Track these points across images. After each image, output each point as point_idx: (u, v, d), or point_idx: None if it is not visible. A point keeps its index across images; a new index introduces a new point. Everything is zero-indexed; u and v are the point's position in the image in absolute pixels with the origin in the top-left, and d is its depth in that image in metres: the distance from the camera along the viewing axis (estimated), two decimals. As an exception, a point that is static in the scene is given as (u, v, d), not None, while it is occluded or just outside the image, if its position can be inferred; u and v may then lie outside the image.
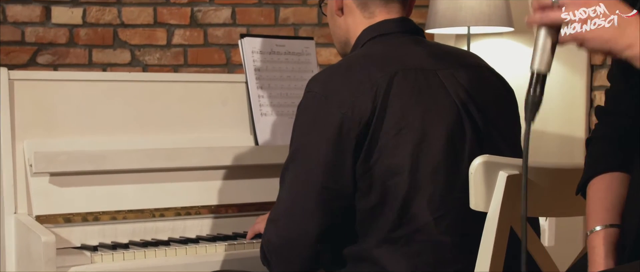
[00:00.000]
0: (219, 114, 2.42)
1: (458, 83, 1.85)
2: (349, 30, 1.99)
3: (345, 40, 2.02)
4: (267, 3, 4.13)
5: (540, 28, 1.23)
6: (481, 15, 3.67)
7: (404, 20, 1.96)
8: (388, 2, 1.95)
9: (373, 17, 1.95)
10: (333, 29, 2.07)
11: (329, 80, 1.83)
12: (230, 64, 4.10)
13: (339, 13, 1.99)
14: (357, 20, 1.97)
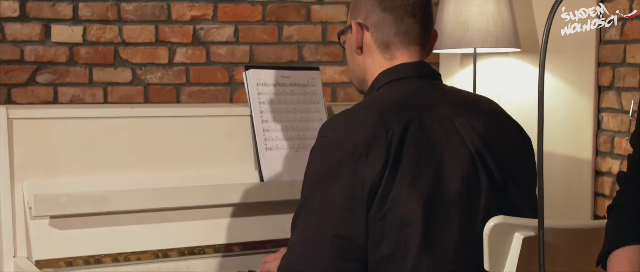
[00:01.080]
0: (223, 148, 2.37)
1: (474, 131, 1.80)
2: (368, 70, 1.96)
3: (363, 78, 1.99)
4: (271, 21, 4.07)
5: None
6: (488, 36, 3.62)
7: (422, 65, 1.92)
8: (409, 45, 1.91)
9: (393, 59, 1.91)
10: (351, 65, 2.03)
11: (343, 125, 1.79)
12: (233, 82, 4.05)
13: (359, 52, 1.95)
14: (376, 61, 1.93)
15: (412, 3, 1.90)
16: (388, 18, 1.90)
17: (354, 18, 1.97)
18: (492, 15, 3.62)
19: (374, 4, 1.91)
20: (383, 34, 1.91)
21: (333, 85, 4.15)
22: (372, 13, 1.91)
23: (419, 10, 1.90)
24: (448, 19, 3.68)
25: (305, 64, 4.11)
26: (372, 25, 1.91)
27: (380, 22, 1.90)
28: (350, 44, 1.99)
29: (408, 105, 1.80)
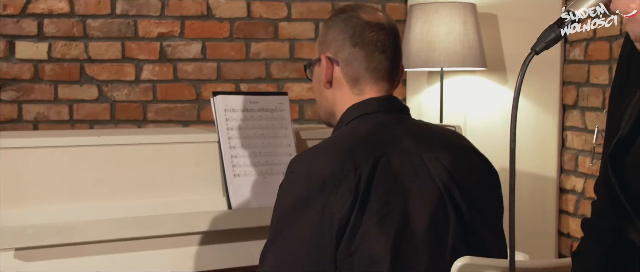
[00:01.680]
0: (191, 175, 2.36)
1: (442, 167, 1.81)
2: (336, 104, 1.96)
3: (331, 112, 1.99)
4: (238, 37, 4.07)
5: None
6: (455, 56, 3.64)
7: (391, 99, 1.93)
8: (379, 81, 1.92)
9: (362, 94, 1.92)
10: (319, 98, 2.03)
11: (312, 162, 1.79)
12: (200, 99, 4.04)
13: (328, 86, 1.96)
14: (345, 95, 1.94)
15: (382, 39, 1.90)
16: (359, 54, 1.90)
17: (324, 51, 1.97)
18: (459, 35, 3.64)
19: (344, 38, 1.91)
20: (353, 69, 1.91)
21: (301, 102, 4.16)
22: (343, 48, 1.91)
23: (389, 47, 1.91)
24: (415, 38, 3.70)
25: (273, 80, 4.11)
26: (342, 60, 1.92)
27: (351, 58, 1.91)
28: (318, 77, 1.99)
29: (377, 141, 1.81)
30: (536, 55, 1.17)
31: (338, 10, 1.99)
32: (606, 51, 3.48)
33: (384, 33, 1.90)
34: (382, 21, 1.92)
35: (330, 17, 1.99)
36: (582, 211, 3.70)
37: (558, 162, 3.86)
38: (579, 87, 3.70)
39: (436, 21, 3.66)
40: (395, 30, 1.95)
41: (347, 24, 1.91)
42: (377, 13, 1.94)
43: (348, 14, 1.94)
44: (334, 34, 1.94)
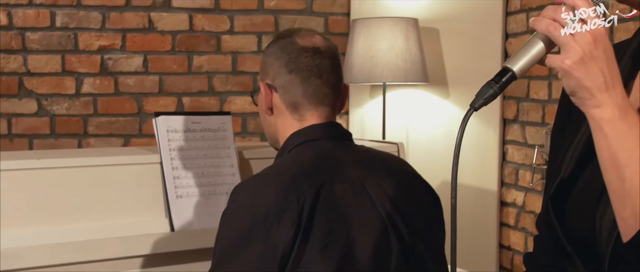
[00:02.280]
0: (133, 197, 2.33)
1: (384, 194, 1.82)
2: (279, 130, 1.97)
3: (276, 138, 2.00)
4: (180, 51, 4.04)
5: (539, 36, 1.15)
6: (397, 71, 3.67)
7: (332, 126, 1.93)
8: (318, 106, 1.92)
9: (303, 120, 1.92)
10: (264, 124, 2.04)
11: (255, 190, 1.78)
12: (142, 113, 4.00)
13: (269, 112, 1.96)
14: (286, 121, 1.94)
15: (318, 64, 1.90)
16: (295, 80, 1.90)
17: (263, 79, 1.97)
18: (401, 50, 3.67)
19: (280, 65, 1.91)
20: (291, 95, 1.91)
21: (243, 115, 4.15)
22: (280, 75, 1.92)
23: (325, 71, 1.91)
24: (358, 53, 3.72)
25: (215, 94, 4.10)
26: (280, 87, 1.92)
27: (288, 84, 1.91)
28: (261, 104, 1.99)
29: (319, 169, 1.81)
30: (475, 111, 1.17)
31: (276, 37, 1.99)
32: (545, 68, 3.52)
33: (320, 57, 1.90)
34: (319, 45, 1.92)
35: (268, 44, 2.00)
36: (522, 224, 3.75)
37: (499, 175, 3.91)
38: (519, 102, 3.76)
39: (378, 36, 3.68)
40: (333, 54, 1.95)
41: (283, 50, 1.92)
42: (314, 37, 1.94)
43: (285, 40, 1.94)
44: (271, 61, 1.94)
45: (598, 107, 1.11)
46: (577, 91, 1.12)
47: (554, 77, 3.49)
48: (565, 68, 1.10)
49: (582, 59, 1.09)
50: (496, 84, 1.14)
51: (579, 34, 1.09)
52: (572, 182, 1.29)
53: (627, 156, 1.09)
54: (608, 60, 1.11)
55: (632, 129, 1.10)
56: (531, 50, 1.14)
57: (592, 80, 1.10)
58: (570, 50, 1.10)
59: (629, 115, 1.11)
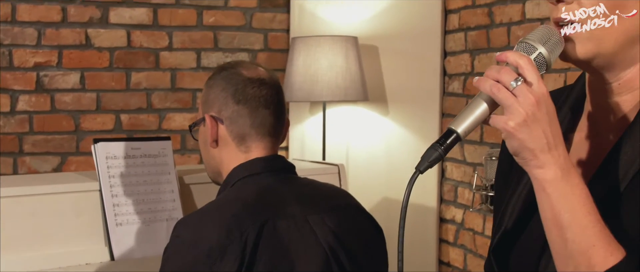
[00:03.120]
0: (72, 226, 2.30)
1: (328, 229, 1.83)
2: (223, 163, 1.95)
3: (218, 171, 1.98)
4: (118, 67, 3.99)
5: (483, 96, 1.15)
6: (337, 89, 3.68)
7: (276, 159, 1.93)
8: (264, 137, 1.92)
9: (248, 152, 1.91)
10: (206, 158, 2.02)
11: (198, 226, 1.77)
12: (79, 130, 3.94)
13: (214, 145, 1.94)
14: (231, 154, 1.93)
15: (265, 94, 1.90)
16: (243, 111, 1.89)
17: (207, 111, 1.95)
18: (341, 69, 3.68)
19: (227, 96, 1.90)
20: (238, 126, 1.90)
21: (183, 132, 4.11)
22: (226, 106, 1.90)
23: (272, 102, 1.91)
24: (298, 71, 3.72)
25: (154, 111, 4.06)
26: (227, 119, 1.91)
27: (235, 115, 1.90)
28: (204, 137, 1.97)
29: (262, 205, 1.80)
30: (420, 174, 1.18)
31: (218, 69, 1.98)
32: (483, 86, 3.57)
33: (266, 88, 1.91)
34: (264, 76, 1.92)
35: (211, 76, 1.98)
36: (461, 241, 3.79)
37: (438, 192, 3.95)
38: (458, 120, 3.79)
39: (319, 54, 3.68)
40: (277, 85, 1.95)
41: (229, 81, 1.91)
42: (258, 68, 1.95)
43: (229, 72, 1.93)
44: (216, 92, 1.93)
45: (541, 167, 1.12)
46: (520, 152, 1.13)
47: (492, 96, 3.53)
48: (509, 130, 1.11)
49: (525, 120, 1.10)
50: (441, 146, 1.15)
51: (522, 95, 1.10)
52: (514, 233, 1.30)
53: (569, 217, 1.11)
54: (550, 121, 1.12)
55: (574, 189, 1.12)
56: (475, 111, 1.14)
57: (535, 142, 1.11)
58: (513, 112, 1.10)
59: (570, 176, 1.12)
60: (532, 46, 1.17)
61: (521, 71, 1.12)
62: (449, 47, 3.87)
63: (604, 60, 1.20)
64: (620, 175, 1.16)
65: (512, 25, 3.38)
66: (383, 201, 3.99)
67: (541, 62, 1.17)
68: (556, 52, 1.18)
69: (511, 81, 1.10)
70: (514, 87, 1.10)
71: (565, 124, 1.29)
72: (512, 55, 1.13)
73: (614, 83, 1.23)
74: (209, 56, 4.13)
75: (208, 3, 4.12)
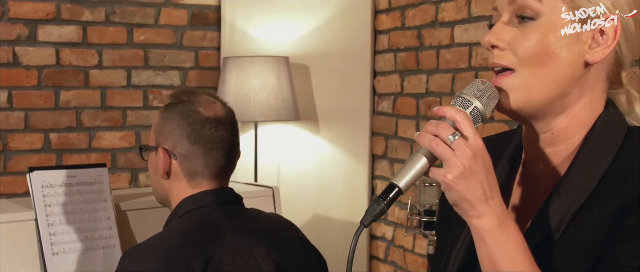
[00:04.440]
0: (6, 258, 2.27)
1: (272, 262, 1.86)
2: (172, 194, 1.97)
3: (167, 199, 2.01)
4: (47, 86, 3.95)
5: (422, 151, 1.18)
6: (269, 109, 3.71)
7: (225, 191, 1.96)
8: (215, 177, 1.95)
9: (198, 187, 1.94)
10: (155, 185, 2.04)
11: (144, 259, 1.79)
12: (7, 151, 3.88)
13: (165, 177, 1.96)
14: (181, 187, 1.95)
15: (221, 135, 1.92)
16: (197, 151, 1.91)
17: (161, 143, 1.96)
18: (273, 89, 3.71)
19: (182, 134, 1.91)
20: (191, 165, 1.92)
21: (113, 151, 4.09)
22: (181, 143, 1.92)
23: (226, 143, 1.94)
24: (230, 91, 3.73)
25: (84, 130, 4.02)
26: (180, 155, 1.92)
27: (190, 154, 1.92)
28: (155, 164, 1.98)
29: (209, 238, 1.83)
30: (365, 228, 1.21)
31: (175, 99, 1.97)
32: (413, 107, 3.65)
33: (222, 128, 1.93)
34: (220, 115, 1.94)
35: (167, 106, 1.97)
36: (391, 258, 3.86)
37: (368, 209, 4.00)
38: (388, 139, 3.87)
39: (250, 75, 3.71)
40: (233, 123, 1.98)
41: (186, 119, 1.91)
42: (215, 105, 1.95)
43: (185, 107, 1.93)
44: (172, 127, 1.93)
45: (478, 217, 1.17)
46: (459, 203, 1.18)
47: (422, 117, 3.61)
48: (447, 182, 1.15)
49: (463, 173, 1.15)
50: (384, 201, 1.18)
51: (459, 149, 1.15)
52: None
53: (506, 264, 1.16)
54: (487, 173, 1.17)
55: (510, 238, 1.17)
56: (416, 165, 1.18)
57: (472, 193, 1.16)
58: (452, 166, 1.15)
59: (506, 225, 1.18)
60: (468, 100, 1.21)
61: (458, 126, 1.16)
62: (379, 67, 3.94)
63: (534, 110, 1.25)
64: (554, 225, 1.22)
65: (440, 48, 3.46)
66: (314, 219, 4.04)
67: (477, 116, 1.21)
68: (491, 105, 1.23)
69: (449, 136, 1.15)
70: (452, 142, 1.15)
71: (504, 174, 1.34)
72: (449, 111, 1.18)
73: (548, 133, 1.28)
74: (140, 74, 4.12)
75: (138, 21, 4.11)
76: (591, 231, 1.18)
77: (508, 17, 1.24)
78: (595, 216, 1.19)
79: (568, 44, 1.21)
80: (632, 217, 1.15)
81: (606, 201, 1.18)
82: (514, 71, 1.23)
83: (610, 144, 1.24)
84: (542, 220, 1.24)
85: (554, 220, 1.22)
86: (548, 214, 1.23)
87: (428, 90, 3.56)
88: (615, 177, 1.21)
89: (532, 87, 1.22)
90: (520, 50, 1.22)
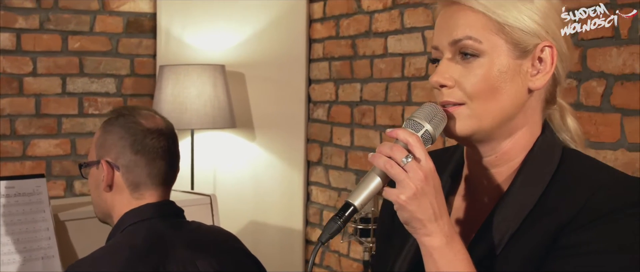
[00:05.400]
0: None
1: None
2: (114, 208, 1.99)
3: (108, 214, 2.03)
4: (-20, 93, 3.92)
5: (376, 171, 1.23)
6: (206, 117, 3.74)
7: (167, 204, 1.99)
8: (158, 187, 1.98)
9: (141, 199, 1.97)
10: (96, 199, 2.05)
11: None
12: (-62, 159, 3.85)
13: (108, 190, 1.98)
14: (124, 200, 1.97)
15: (163, 145, 1.96)
16: (140, 161, 1.94)
17: (103, 156, 1.98)
18: (209, 97, 3.75)
19: (125, 145, 1.94)
20: (134, 175, 1.95)
21: (47, 159, 4.07)
22: (123, 154, 1.95)
23: (168, 153, 1.98)
24: (166, 99, 3.76)
25: (18, 137, 4.00)
26: (123, 167, 1.95)
27: (132, 165, 1.95)
28: (96, 179, 2.00)
29: (153, 251, 1.86)
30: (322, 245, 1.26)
31: (116, 114, 2.01)
32: (348, 115, 3.73)
33: (164, 139, 1.97)
34: (161, 127, 1.98)
35: (108, 120, 2.00)
36: (327, 262, 3.93)
37: (304, 215, 4.07)
38: (323, 146, 3.94)
39: (187, 83, 3.74)
40: (173, 134, 2.02)
41: (127, 131, 1.95)
42: (155, 118, 2.00)
43: (127, 119, 1.97)
44: (114, 140, 1.96)
45: (428, 235, 1.24)
46: (410, 222, 1.23)
47: (356, 125, 3.69)
48: (401, 202, 1.21)
49: (415, 194, 1.21)
50: (340, 219, 1.23)
51: (412, 171, 1.21)
52: None
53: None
54: (436, 193, 1.24)
55: (457, 255, 1.24)
56: (370, 185, 1.23)
57: (423, 213, 1.22)
58: (405, 187, 1.21)
59: (454, 243, 1.25)
60: (419, 124, 1.27)
61: (410, 148, 1.22)
62: (314, 75, 4.01)
63: (482, 136, 1.32)
64: (496, 240, 1.29)
65: (374, 57, 3.54)
66: (250, 225, 4.09)
67: (427, 138, 1.27)
68: (440, 127, 1.29)
69: (402, 158, 1.21)
70: (405, 164, 1.21)
71: (446, 189, 1.41)
72: (402, 133, 1.23)
73: (492, 156, 1.35)
74: (75, 82, 4.11)
75: (73, 28, 4.10)
76: (530, 248, 1.25)
77: (451, 55, 1.30)
78: (533, 234, 1.26)
79: (511, 76, 1.28)
80: (568, 237, 1.22)
81: (544, 221, 1.26)
82: (464, 104, 1.29)
83: (547, 166, 1.32)
84: (485, 235, 1.30)
85: (495, 235, 1.29)
86: (491, 229, 1.30)
87: (362, 99, 3.64)
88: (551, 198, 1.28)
89: (481, 117, 1.29)
90: (467, 86, 1.28)
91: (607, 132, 2.42)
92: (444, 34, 1.30)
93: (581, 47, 2.47)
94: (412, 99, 3.29)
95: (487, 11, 1.28)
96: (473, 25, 1.28)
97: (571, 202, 1.25)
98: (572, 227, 1.23)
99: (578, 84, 2.51)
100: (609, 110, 2.42)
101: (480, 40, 1.27)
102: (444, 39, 1.30)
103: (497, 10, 1.27)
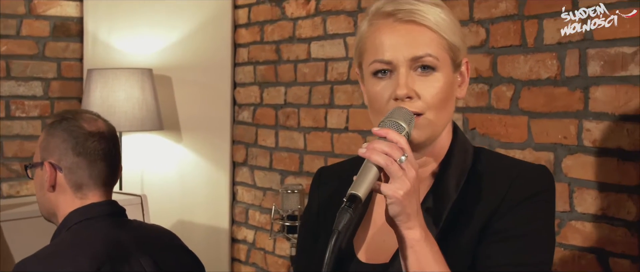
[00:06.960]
0: None
1: (158, 268, 2.02)
2: (59, 208, 2.07)
3: (53, 213, 2.10)
4: None
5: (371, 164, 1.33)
6: (134, 120, 3.83)
7: (110, 204, 2.09)
8: (100, 187, 2.07)
9: (85, 199, 2.05)
10: (41, 200, 2.12)
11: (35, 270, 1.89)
12: None
13: (51, 190, 2.06)
14: (68, 200, 2.05)
15: (103, 148, 2.05)
16: (82, 162, 2.03)
17: (46, 157, 2.06)
18: (138, 100, 3.84)
19: (67, 147, 2.03)
20: (77, 176, 2.04)
21: (-25, 161, 4.10)
22: (66, 156, 2.03)
23: (109, 155, 2.07)
24: (95, 103, 3.83)
25: (-56, 140, 4.02)
26: (65, 168, 2.04)
27: (74, 166, 2.03)
28: (41, 180, 2.08)
29: (99, 248, 1.96)
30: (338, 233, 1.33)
31: (59, 118, 2.09)
32: (272, 117, 3.87)
33: (105, 142, 2.06)
34: (103, 130, 2.08)
35: (51, 123, 2.09)
36: (252, 260, 4.06)
37: (230, 214, 4.19)
38: (248, 147, 4.06)
39: (115, 87, 3.82)
40: (115, 138, 2.12)
41: (70, 133, 2.04)
42: (97, 121, 2.09)
43: (69, 123, 2.05)
44: (57, 142, 2.05)
45: (411, 229, 1.36)
46: (399, 215, 1.35)
47: (281, 127, 3.83)
48: (398, 197, 1.33)
49: (410, 191, 1.34)
50: (350, 208, 1.31)
51: (408, 169, 1.34)
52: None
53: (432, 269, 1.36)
54: (418, 191, 1.38)
55: (433, 247, 1.38)
56: (370, 176, 1.33)
57: (412, 208, 1.35)
58: (402, 183, 1.33)
59: (428, 236, 1.39)
60: (402, 126, 1.40)
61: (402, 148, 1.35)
62: (239, 78, 4.13)
63: (431, 141, 1.50)
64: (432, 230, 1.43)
65: (298, 62, 3.69)
66: (178, 224, 4.19)
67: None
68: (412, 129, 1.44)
69: (401, 156, 1.34)
70: (402, 162, 1.34)
71: None
72: (393, 134, 1.36)
73: (422, 158, 1.53)
74: (2, 85, 4.15)
75: (0, 32, 4.14)
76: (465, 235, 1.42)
77: (407, 69, 1.44)
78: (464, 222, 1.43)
79: (452, 88, 1.50)
80: (499, 222, 1.41)
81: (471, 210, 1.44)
82: (422, 114, 1.45)
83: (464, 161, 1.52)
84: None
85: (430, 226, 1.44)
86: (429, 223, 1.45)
87: (286, 102, 3.78)
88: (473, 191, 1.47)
89: (436, 125, 1.48)
90: (428, 97, 1.45)
91: (516, 133, 2.62)
92: (401, 50, 1.44)
93: (492, 54, 2.66)
94: (335, 102, 3.45)
95: (441, 31, 1.46)
96: (431, 43, 1.45)
97: (493, 192, 1.44)
98: (498, 215, 1.41)
99: (489, 89, 2.70)
100: (517, 113, 2.61)
101: (437, 57, 1.45)
102: (401, 54, 1.44)
103: (446, 31, 1.46)
